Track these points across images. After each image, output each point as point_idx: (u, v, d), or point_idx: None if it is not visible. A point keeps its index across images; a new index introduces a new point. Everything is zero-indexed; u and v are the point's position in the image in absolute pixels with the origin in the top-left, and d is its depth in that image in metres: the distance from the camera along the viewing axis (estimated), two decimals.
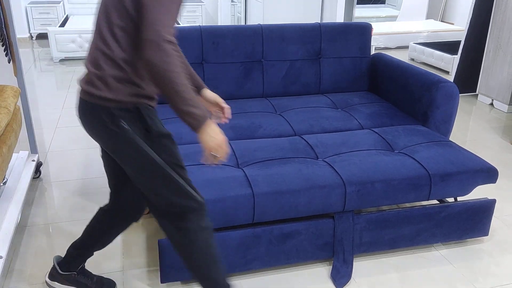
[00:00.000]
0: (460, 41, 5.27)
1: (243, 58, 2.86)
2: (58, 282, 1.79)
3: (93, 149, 3.10)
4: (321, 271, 2.00)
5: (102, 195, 2.55)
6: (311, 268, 2.03)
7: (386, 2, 8.47)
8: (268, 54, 2.89)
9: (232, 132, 2.37)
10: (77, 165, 2.88)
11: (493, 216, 2.32)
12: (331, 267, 2.02)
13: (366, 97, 2.93)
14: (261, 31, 2.87)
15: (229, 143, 2.23)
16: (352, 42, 3.02)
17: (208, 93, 1.71)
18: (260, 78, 2.90)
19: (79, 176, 2.75)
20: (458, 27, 6.70)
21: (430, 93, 2.53)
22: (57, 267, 1.77)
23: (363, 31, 3.05)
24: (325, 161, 2.08)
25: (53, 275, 1.79)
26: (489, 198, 2.16)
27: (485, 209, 2.16)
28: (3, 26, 2.30)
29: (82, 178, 2.72)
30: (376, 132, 2.39)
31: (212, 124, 1.36)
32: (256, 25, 2.90)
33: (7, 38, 2.34)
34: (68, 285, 1.78)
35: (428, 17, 7.52)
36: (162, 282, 1.85)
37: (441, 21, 7.36)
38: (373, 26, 3.18)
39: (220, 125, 2.40)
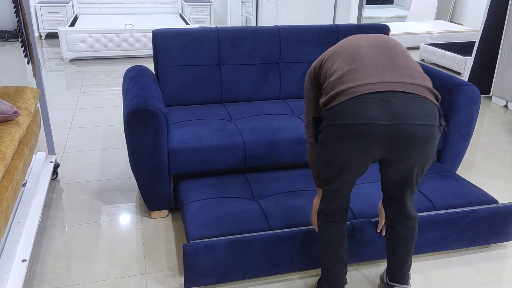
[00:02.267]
0: (473, 42, 5.24)
1: (260, 60, 2.84)
2: None
3: (108, 150, 3.10)
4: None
5: (120, 197, 2.54)
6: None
7: (394, 2, 8.43)
8: (285, 55, 2.87)
9: (252, 134, 2.35)
10: (93, 166, 2.87)
11: None
12: (354, 270, 2.00)
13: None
14: (278, 32, 2.85)
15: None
16: None
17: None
18: (277, 80, 2.89)
19: (96, 177, 2.74)
20: (468, 28, 6.67)
21: (451, 96, 2.51)
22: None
23: (381, 32, 3.03)
24: None
25: None
26: None
27: (510, 214, 2.14)
28: (22, 27, 2.29)
29: (99, 179, 2.71)
30: None
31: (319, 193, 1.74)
32: (273, 26, 2.89)
33: (27, 40, 2.33)
34: None
35: (437, 18, 7.49)
36: (186, 287, 1.83)
37: (450, 21, 7.33)
38: None
39: (240, 127, 2.39)
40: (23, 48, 2.36)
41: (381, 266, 2.04)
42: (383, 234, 1.94)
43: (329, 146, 1.45)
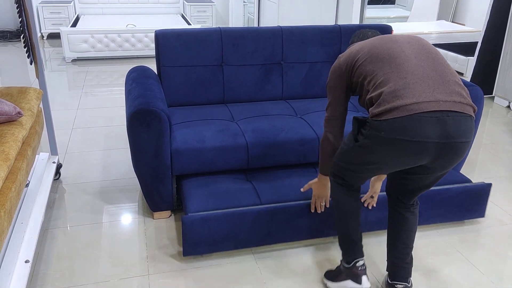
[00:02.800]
0: (475, 42, 5.23)
1: (263, 60, 2.84)
2: None
3: (110, 150, 3.10)
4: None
5: (122, 197, 2.54)
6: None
7: (396, 2, 8.42)
8: (287, 56, 2.87)
9: (254, 135, 2.35)
10: (96, 166, 2.87)
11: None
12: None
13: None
14: (281, 33, 2.85)
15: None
16: None
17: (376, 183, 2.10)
18: (279, 80, 2.88)
19: (98, 177, 2.74)
20: (470, 28, 6.65)
21: None
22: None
23: (383, 33, 3.03)
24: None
25: None
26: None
27: (482, 192, 2.32)
28: (25, 28, 2.29)
29: (102, 180, 2.71)
30: None
31: (324, 179, 1.90)
32: (276, 27, 2.88)
33: (29, 40, 2.33)
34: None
35: (439, 18, 7.47)
36: (184, 255, 2.02)
37: (452, 21, 7.32)
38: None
39: (243, 127, 2.38)
40: (26, 49, 2.36)
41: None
42: (369, 207, 2.14)
43: (372, 152, 1.54)
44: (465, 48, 5.26)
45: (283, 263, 2.07)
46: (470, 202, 2.33)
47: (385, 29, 3.03)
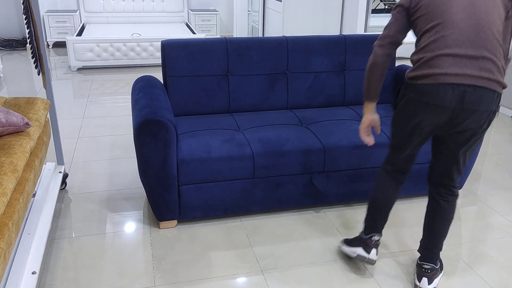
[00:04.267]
0: None
1: (268, 70, 2.85)
2: None
3: (116, 160, 3.10)
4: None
5: (128, 207, 2.54)
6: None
7: None
8: (292, 66, 2.88)
9: (260, 145, 2.35)
10: (102, 176, 2.88)
11: None
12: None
13: (391, 109, 2.90)
14: (286, 43, 2.86)
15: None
16: None
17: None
18: (284, 90, 2.89)
19: (104, 187, 2.74)
20: None
21: None
22: None
23: None
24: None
25: None
26: None
27: None
28: (33, 38, 2.31)
29: (108, 190, 2.72)
30: None
31: (370, 104, 1.98)
32: (281, 37, 2.90)
33: (37, 51, 2.34)
34: None
35: None
36: (181, 218, 2.29)
37: None
38: None
39: (248, 137, 2.39)
40: (33, 60, 2.37)
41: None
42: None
43: (407, 111, 1.80)
44: None
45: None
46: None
47: None
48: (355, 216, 2.51)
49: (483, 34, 1.66)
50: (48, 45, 6.57)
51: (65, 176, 2.71)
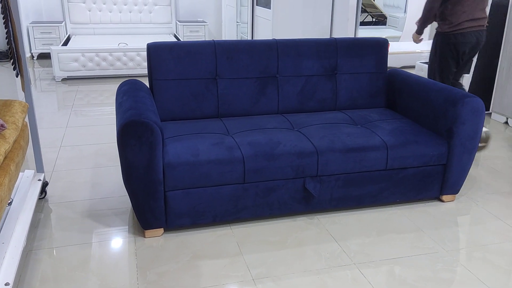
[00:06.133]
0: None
1: (258, 74, 2.77)
2: None
3: (100, 168, 2.97)
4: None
5: (112, 216, 2.40)
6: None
7: (387, 23, 8.50)
8: (283, 69, 2.80)
9: (250, 148, 2.25)
10: (84, 185, 2.75)
11: None
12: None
13: (385, 113, 2.83)
14: (276, 46, 2.79)
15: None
16: (368, 57, 2.95)
17: None
18: (275, 94, 2.81)
19: (86, 196, 2.61)
20: None
21: (455, 108, 2.44)
22: None
23: (380, 46, 2.98)
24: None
25: None
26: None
27: (436, 172, 2.52)
28: (11, 38, 2.20)
29: (89, 199, 2.58)
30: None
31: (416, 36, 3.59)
32: (271, 40, 2.82)
33: (16, 51, 2.23)
34: None
35: (430, 38, 7.53)
36: (168, 226, 2.19)
37: None
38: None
39: (238, 141, 2.29)
40: (11, 61, 2.26)
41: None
42: None
43: (445, 52, 3.27)
44: None
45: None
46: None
47: (380, 43, 2.99)
48: (350, 222, 2.40)
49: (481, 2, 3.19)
50: (32, 57, 6.44)
51: (45, 184, 2.58)
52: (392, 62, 6.21)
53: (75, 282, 1.91)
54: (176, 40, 6.46)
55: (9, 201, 2.13)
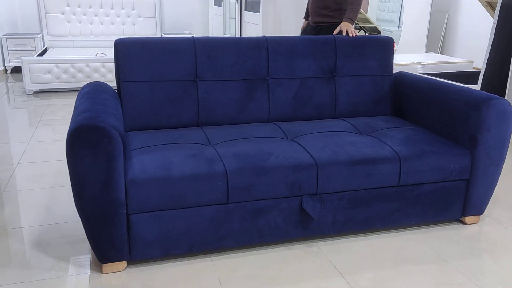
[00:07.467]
0: (469, 72, 4.97)
1: (245, 75, 2.37)
2: None
3: (59, 188, 2.52)
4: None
5: (64, 246, 1.95)
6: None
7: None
8: (274, 70, 2.41)
9: (235, 160, 1.83)
10: (36, 207, 2.29)
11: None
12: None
13: (392, 121, 2.44)
14: (266, 43, 2.40)
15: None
16: (372, 58, 2.57)
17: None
18: (265, 99, 2.41)
19: (37, 221, 2.16)
20: (460, 59, 6.43)
21: (479, 112, 2.05)
22: None
23: (385, 45, 2.61)
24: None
25: None
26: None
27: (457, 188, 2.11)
28: None
29: (41, 224, 2.13)
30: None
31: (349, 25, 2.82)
32: (260, 37, 2.44)
33: None
34: None
35: (427, 51, 7.28)
36: (132, 258, 1.76)
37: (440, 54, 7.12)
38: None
39: (221, 152, 1.87)
40: None
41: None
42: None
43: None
44: (460, 78, 4.96)
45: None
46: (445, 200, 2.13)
47: (385, 42, 2.62)
48: (358, 251, 1.97)
49: None
50: (6, 70, 6.01)
51: None
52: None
53: None
54: None
55: None
